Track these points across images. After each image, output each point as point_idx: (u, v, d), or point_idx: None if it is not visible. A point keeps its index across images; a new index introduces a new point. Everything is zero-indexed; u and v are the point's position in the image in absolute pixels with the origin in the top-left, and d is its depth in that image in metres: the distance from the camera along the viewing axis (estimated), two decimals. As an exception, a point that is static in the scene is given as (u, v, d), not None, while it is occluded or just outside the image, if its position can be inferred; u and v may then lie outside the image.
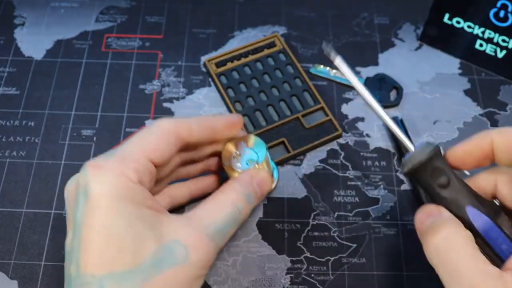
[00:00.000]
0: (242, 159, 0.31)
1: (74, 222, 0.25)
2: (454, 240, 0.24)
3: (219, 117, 0.31)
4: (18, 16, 0.46)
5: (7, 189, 0.37)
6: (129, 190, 0.25)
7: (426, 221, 0.26)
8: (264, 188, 0.31)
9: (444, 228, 0.25)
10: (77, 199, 0.26)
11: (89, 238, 0.24)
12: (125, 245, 0.24)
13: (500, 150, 0.26)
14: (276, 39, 0.44)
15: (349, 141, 0.40)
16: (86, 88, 0.42)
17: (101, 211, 0.24)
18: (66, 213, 0.27)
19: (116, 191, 0.25)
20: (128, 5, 0.47)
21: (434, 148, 0.26)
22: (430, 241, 0.25)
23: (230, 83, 0.41)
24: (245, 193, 0.29)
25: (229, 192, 0.29)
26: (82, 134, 0.40)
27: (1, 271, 0.34)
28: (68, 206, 0.27)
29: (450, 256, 0.24)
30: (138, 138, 0.27)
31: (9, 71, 0.43)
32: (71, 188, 0.27)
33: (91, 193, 0.25)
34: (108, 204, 0.24)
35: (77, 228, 0.25)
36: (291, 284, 0.34)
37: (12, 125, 0.40)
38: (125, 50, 0.44)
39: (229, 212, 0.28)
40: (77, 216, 0.25)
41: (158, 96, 0.42)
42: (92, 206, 0.24)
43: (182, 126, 0.28)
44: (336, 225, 0.36)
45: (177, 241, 0.25)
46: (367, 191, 0.38)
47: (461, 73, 0.44)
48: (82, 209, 0.25)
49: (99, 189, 0.25)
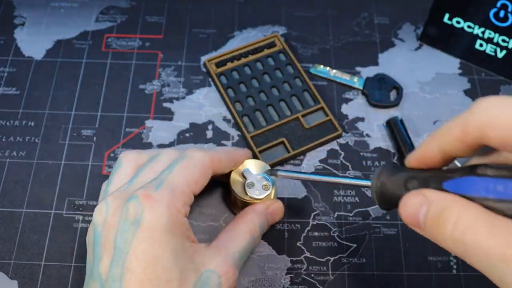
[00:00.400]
0: (256, 186, 0.33)
1: (116, 248, 0.25)
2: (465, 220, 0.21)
3: (239, 150, 0.34)
4: (18, 16, 0.46)
5: (7, 189, 0.37)
6: (177, 223, 0.26)
7: (421, 211, 0.22)
8: (275, 218, 0.33)
9: (449, 213, 0.21)
10: (122, 225, 0.26)
11: (136, 269, 0.25)
12: (173, 278, 0.25)
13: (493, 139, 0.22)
14: (276, 39, 0.44)
15: (349, 141, 0.40)
16: (86, 88, 0.42)
17: (152, 242, 0.25)
18: (97, 238, 0.27)
19: (167, 224, 0.25)
20: (128, 5, 0.47)
21: (379, 176, 0.24)
22: (445, 233, 0.21)
23: (230, 83, 0.41)
24: (260, 224, 0.31)
25: (247, 223, 0.31)
26: (82, 134, 0.40)
27: (1, 271, 0.34)
28: (102, 231, 0.27)
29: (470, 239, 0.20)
30: (182, 170, 0.28)
31: (9, 71, 0.43)
32: (109, 213, 0.27)
33: (144, 223, 0.25)
34: (159, 236, 0.25)
35: (121, 255, 0.25)
36: (291, 284, 0.34)
37: (12, 125, 0.40)
38: (125, 50, 0.44)
39: (247, 241, 0.30)
40: (121, 243, 0.25)
41: (158, 96, 0.42)
42: (144, 236, 0.25)
43: (215, 159, 0.30)
44: (336, 225, 0.36)
45: (212, 271, 0.27)
46: (367, 191, 0.38)
47: (461, 73, 0.44)
48: (130, 238, 0.25)
49: (152, 220, 0.25)
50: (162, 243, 0.25)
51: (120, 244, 0.25)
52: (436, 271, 0.35)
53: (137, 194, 0.26)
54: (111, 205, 0.27)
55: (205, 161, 0.29)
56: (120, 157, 0.32)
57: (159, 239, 0.25)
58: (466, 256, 0.20)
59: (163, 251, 0.25)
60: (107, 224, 0.26)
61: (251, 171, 0.33)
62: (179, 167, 0.28)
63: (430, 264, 0.35)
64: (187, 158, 0.29)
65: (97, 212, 0.27)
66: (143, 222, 0.25)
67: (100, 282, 0.26)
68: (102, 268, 0.26)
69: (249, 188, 0.33)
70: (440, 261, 0.36)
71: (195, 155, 0.29)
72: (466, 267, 0.36)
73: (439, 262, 0.35)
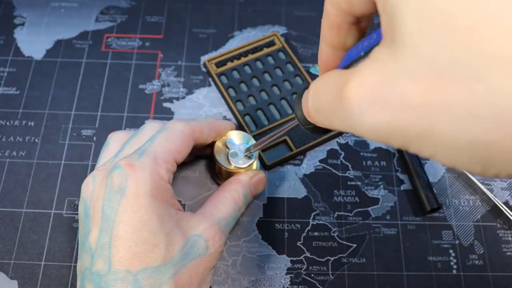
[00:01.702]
0: (239, 156, 0.33)
1: (104, 218, 0.26)
2: (316, 87, 0.20)
3: (221, 121, 0.34)
4: (18, 16, 0.46)
5: (7, 189, 0.37)
6: (161, 189, 0.27)
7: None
8: (258, 189, 0.34)
9: (308, 89, 0.21)
10: (108, 195, 0.26)
11: (124, 235, 0.25)
12: (159, 241, 0.26)
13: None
14: (275, 37, 0.44)
15: (349, 141, 0.40)
16: (86, 88, 0.42)
17: (137, 209, 0.25)
18: (86, 211, 0.27)
19: (151, 190, 0.26)
20: (128, 5, 0.47)
21: (296, 106, 0.24)
22: (308, 108, 0.20)
23: (230, 83, 0.41)
24: (244, 193, 0.32)
25: (232, 192, 0.32)
26: (82, 134, 0.40)
27: (1, 271, 0.34)
28: (90, 203, 0.27)
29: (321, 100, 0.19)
30: (164, 140, 0.29)
31: (9, 71, 0.43)
32: (96, 185, 0.27)
33: (128, 191, 0.26)
34: (145, 202, 0.26)
35: (108, 224, 0.26)
36: (291, 284, 0.34)
37: (12, 125, 0.40)
38: (125, 50, 0.44)
39: (232, 208, 0.31)
40: (108, 212, 0.26)
41: (158, 96, 0.42)
42: (129, 203, 0.25)
43: (196, 129, 0.31)
44: (336, 225, 0.36)
45: (199, 235, 0.27)
46: (367, 191, 0.38)
47: (461, 73, 0.44)
48: (116, 206, 0.26)
49: (136, 187, 0.26)
50: (147, 208, 0.26)
51: (108, 213, 0.26)
52: (436, 271, 0.35)
53: (120, 163, 0.27)
54: (97, 178, 0.28)
55: (185, 130, 0.30)
56: (108, 137, 0.33)
57: (144, 205, 0.26)
58: (327, 122, 0.19)
59: (148, 216, 0.26)
60: (94, 195, 0.27)
61: (234, 142, 0.34)
62: (161, 137, 0.29)
63: (430, 264, 0.35)
64: (168, 129, 0.30)
65: (84, 186, 0.28)
66: (128, 190, 0.26)
67: (90, 252, 0.26)
68: (92, 239, 0.26)
69: (232, 157, 0.33)
70: (440, 261, 0.36)
71: (176, 125, 0.30)
72: (466, 267, 0.36)
73: (439, 262, 0.35)
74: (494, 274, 0.35)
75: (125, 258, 0.25)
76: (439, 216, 0.37)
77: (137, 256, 0.25)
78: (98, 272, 0.25)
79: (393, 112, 0.14)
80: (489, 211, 0.38)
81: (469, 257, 0.36)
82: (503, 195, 0.38)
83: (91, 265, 0.26)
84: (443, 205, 0.38)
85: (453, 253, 0.36)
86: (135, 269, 0.25)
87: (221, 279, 0.34)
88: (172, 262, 0.26)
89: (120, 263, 0.25)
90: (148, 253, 0.25)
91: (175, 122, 0.30)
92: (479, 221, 0.37)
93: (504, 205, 0.37)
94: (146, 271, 0.25)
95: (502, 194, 0.38)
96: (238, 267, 0.35)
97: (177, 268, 0.26)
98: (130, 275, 0.25)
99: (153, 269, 0.25)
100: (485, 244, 0.36)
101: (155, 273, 0.25)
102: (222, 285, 0.34)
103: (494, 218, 0.37)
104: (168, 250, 0.26)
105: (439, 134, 0.14)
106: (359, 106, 0.15)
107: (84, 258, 0.27)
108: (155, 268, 0.25)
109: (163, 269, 0.25)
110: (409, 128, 0.14)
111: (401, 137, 0.15)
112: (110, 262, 0.25)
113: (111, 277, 0.25)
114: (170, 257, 0.26)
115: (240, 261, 0.35)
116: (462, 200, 0.38)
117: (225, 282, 0.34)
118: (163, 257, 0.26)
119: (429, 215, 0.37)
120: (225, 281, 0.34)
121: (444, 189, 0.38)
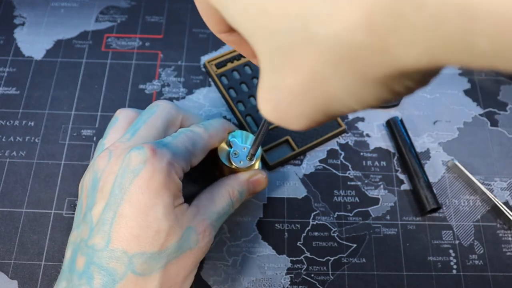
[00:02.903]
0: (241, 155, 0.33)
1: (113, 194, 0.26)
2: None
3: (230, 124, 0.35)
4: (18, 16, 0.46)
5: (7, 189, 0.37)
6: (172, 183, 0.27)
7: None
8: (257, 188, 0.34)
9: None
10: (123, 171, 0.26)
11: (129, 214, 0.25)
12: (161, 229, 0.26)
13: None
14: (276, 39, 0.43)
15: (349, 141, 0.40)
16: (86, 88, 0.42)
17: (147, 192, 0.26)
18: (95, 183, 0.28)
19: (164, 180, 0.26)
20: (128, 5, 0.47)
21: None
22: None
23: (231, 84, 0.41)
24: (240, 190, 0.32)
25: (227, 186, 0.32)
26: (82, 134, 0.40)
27: (1, 271, 0.34)
28: (102, 176, 0.27)
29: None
30: (186, 141, 0.30)
31: (9, 71, 0.43)
32: (111, 160, 0.27)
33: (143, 174, 0.26)
34: (155, 187, 0.26)
35: (116, 200, 0.26)
36: (291, 284, 0.34)
37: (12, 125, 0.40)
38: (125, 50, 0.44)
39: (226, 203, 0.31)
40: (117, 189, 0.26)
41: (158, 96, 0.42)
42: (141, 185, 0.26)
43: (213, 136, 0.32)
44: (336, 225, 0.36)
45: (193, 228, 0.28)
46: (367, 191, 0.38)
47: (461, 73, 0.44)
48: (128, 185, 0.26)
49: (152, 171, 0.26)
50: (157, 195, 0.26)
51: (117, 190, 0.26)
52: (436, 271, 0.35)
53: (143, 145, 0.27)
54: (113, 153, 0.28)
55: (205, 137, 0.31)
56: (116, 113, 0.33)
57: (155, 191, 0.26)
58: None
59: (156, 202, 0.26)
60: (108, 169, 0.27)
61: (237, 141, 0.34)
62: (183, 137, 0.30)
63: (430, 264, 0.35)
64: (191, 133, 0.30)
65: (99, 159, 0.28)
66: (143, 172, 0.26)
67: (91, 225, 0.26)
68: (95, 212, 0.27)
69: (234, 157, 0.33)
70: (440, 261, 0.36)
71: (197, 130, 0.31)
72: (466, 267, 0.36)
73: (439, 262, 0.35)
74: (494, 274, 0.35)
75: (124, 238, 0.25)
76: (439, 216, 0.37)
77: (138, 239, 0.25)
78: (93, 247, 0.26)
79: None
80: (489, 211, 0.38)
81: (469, 257, 0.36)
82: (503, 195, 0.38)
83: (88, 238, 0.26)
84: (443, 205, 0.38)
85: (453, 253, 0.36)
86: (132, 251, 0.25)
87: (221, 279, 0.34)
88: (167, 252, 0.26)
89: (119, 242, 0.25)
90: (148, 238, 0.25)
91: (196, 126, 0.31)
92: (479, 221, 0.37)
93: (504, 205, 0.37)
94: (142, 256, 0.25)
95: (502, 194, 0.38)
96: (238, 267, 0.35)
97: (169, 258, 0.26)
98: (126, 256, 0.25)
99: (149, 255, 0.25)
100: (485, 244, 0.36)
101: (149, 260, 0.25)
102: (222, 285, 0.34)
103: (494, 218, 0.37)
104: (167, 239, 0.26)
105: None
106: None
107: (82, 229, 0.27)
108: (150, 255, 0.25)
109: (157, 257, 0.26)
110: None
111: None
112: (109, 239, 0.25)
113: (106, 254, 0.25)
114: (166, 246, 0.26)
115: (240, 261, 0.35)
116: (462, 200, 0.38)
117: (225, 282, 0.34)
118: (160, 245, 0.26)
119: (429, 215, 0.37)
120: (225, 281, 0.34)
121: (444, 189, 0.38)
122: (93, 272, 0.25)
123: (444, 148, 0.40)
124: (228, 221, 0.36)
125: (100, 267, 0.25)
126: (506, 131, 0.41)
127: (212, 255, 0.35)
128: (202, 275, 0.34)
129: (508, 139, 0.41)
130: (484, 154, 0.40)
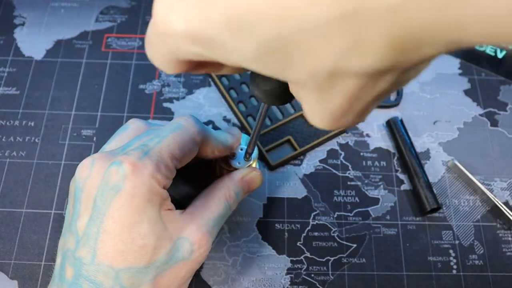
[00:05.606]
0: (238, 157, 0.33)
1: (95, 208, 0.26)
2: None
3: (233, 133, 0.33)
4: (18, 16, 0.46)
5: (7, 189, 0.37)
6: (156, 193, 0.26)
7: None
8: (252, 186, 0.32)
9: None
10: (102, 188, 0.26)
11: (112, 231, 0.25)
12: (147, 244, 0.25)
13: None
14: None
15: (349, 141, 0.40)
16: (86, 88, 0.42)
17: (129, 209, 0.25)
18: (77, 193, 0.27)
19: (146, 193, 0.26)
20: (128, 5, 0.47)
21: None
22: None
23: (231, 84, 0.41)
24: (236, 191, 0.31)
25: (223, 189, 0.31)
26: (82, 134, 0.40)
27: (1, 271, 0.34)
28: (83, 187, 0.27)
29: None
30: (172, 142, 0.27)
31: (9, 71, 0.43)
32: (92, 171, 0.27)
33: (124, 190, 0.25)
34: (137, 204, 0.25)
35: (99, 215, 0.25)
36: (291, 284, 0.34)
37: (12, 125, 0.40)
38: (125, 50, 0.44)
39: (223, 207, 0.30)
40: (100, 203, 0.25)
41: (158, 96, 0.42)
42: (122, 202, 0.25)
43: (207, 143, 0.30)
44: (336, 225, 0.36)
45: (185, 238, 0.27)
46: (367, 191, 0.38)
47: (461, 73, 0.44)
48: (109, 201, 0.25)
49: (132, 188, 0.25)
50: (139, 211, 0.25)
51: (100, 204, 0.25)
52: (436, 271, 0.35)
53: (122, 160, 0.26)
54: (96, 163, 0.27)
55: (196, 138, 0.29)
56: (129, 122, 0.32)
57: (137, 207, 0.25)
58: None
59: (140, 218, 0.25)
60: (89, 182, 0.27)
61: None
62: (169, 138, 0.28)
63: (430, 264, 0.35)
64: (180, 129, 0.28)
65: (80, 167, 0.27)
66: (123, 189, 0.25)
67: (77, 237, 0.26)
68: (80, 224, 0.26)
69: (231, 158, 0.33)
70: (440, 261, 0.36)
71: (189, 129, 0.29)
72: (466, 267, 0.36)
73: (439, 262, 0.35)
74: (494, 274, 0.35)
75: (110, 254, 0.25)
76: (439, 216, 0.37)
77: (122, 255, 0.25)
78: (81, 259, 0.25)
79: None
80: (489, 211, 0.38)
81: (469, 257, 0.36)
82: (503, 195, 0.38)
83: (75, 249, 0.26)
84: (443, 205, 0.38)
85: (453, 253, 0.36)
86: (118, 266, 0.25)
87: (221, 279, 0.34)
88: (155, 265, 0.26)
89: (105, 257, 0.25)
90: (134, 253, 0.25)
91: (191, 126, 0.29)
92: (479, 221, 0.37)
93: (504, 205, 0.37)
94: (129, 271, 0.25)
95: (502, 194, 0.38)
96: (238, 267, 0.35)
97: (159, 270, 0.26)
98: (113, 271, 0.25)
99: (136, 269, 0.25)
100: (485, 244, 0.36)
101: (137, 274, 0.25)
102: (222, 285, 0.34)
103: (494, 218, 0.37)
104: (154, 253, 0.25)
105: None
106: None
107: (68, 239, 0.27)
108: (138, 269, 0.25)
109: (145, 271, 0.25)
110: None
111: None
112: (94, 253, 0.25)
113: (93, 268, 0.25)
114: (154, 260, 0.26)
115: (240, 261, 0.35)
116: (462, 200, 0.38)
117: (225, 282, 0.34)
118: (148, 259, 0.25)
119: (429, 215, 0.37)
120: (225, 281, 0.34)
121: (444, 189, 0.38)
122: (82, 284, 0.25)
123: (444, 148, 0.40)
124: (228, 221, 0.36)
125: (88, 279, 0.25)
126: (506, 131, 0.41)
127: (212, 255, 0.35)
128: (202, 275, 0.34)
129: (508, 139, 0.41)
130: (484, 154, 0.40)
